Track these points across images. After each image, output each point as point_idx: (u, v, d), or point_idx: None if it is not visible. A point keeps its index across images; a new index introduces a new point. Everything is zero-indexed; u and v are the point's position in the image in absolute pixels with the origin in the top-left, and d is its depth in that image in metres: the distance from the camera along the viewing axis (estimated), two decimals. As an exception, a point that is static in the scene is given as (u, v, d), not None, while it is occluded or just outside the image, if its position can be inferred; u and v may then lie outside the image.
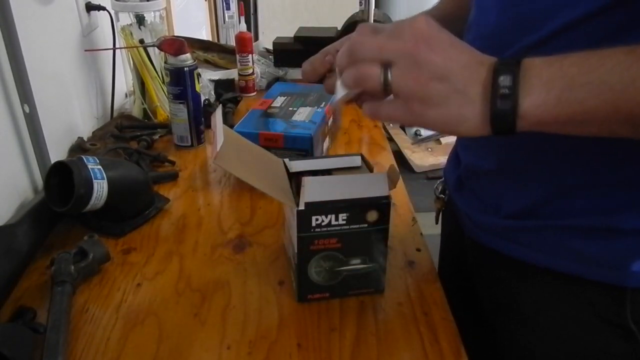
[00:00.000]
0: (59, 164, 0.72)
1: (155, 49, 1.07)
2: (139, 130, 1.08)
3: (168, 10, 1.70)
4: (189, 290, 0.66)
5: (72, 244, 0.70)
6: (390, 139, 2.83)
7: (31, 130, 0.81)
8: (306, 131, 0.88)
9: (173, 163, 0.97)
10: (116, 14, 1.12)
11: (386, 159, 1.01)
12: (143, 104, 1.15)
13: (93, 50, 1.11)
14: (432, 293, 0.65)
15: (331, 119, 1.00)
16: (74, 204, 0.70)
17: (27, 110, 0.79)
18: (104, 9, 1.10)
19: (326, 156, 0.86)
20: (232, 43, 1.41)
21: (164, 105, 1.13)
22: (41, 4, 0.91)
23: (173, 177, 0.92)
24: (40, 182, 0.85)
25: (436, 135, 2.56)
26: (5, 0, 0.73)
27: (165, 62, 0.99)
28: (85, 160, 0.72)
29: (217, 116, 0.61)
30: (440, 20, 0.68)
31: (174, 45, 0.97)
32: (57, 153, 0.91)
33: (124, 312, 0.62)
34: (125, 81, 1.23)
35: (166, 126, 1.08)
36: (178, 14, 2.02)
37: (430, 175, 2.70)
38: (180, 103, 0.99)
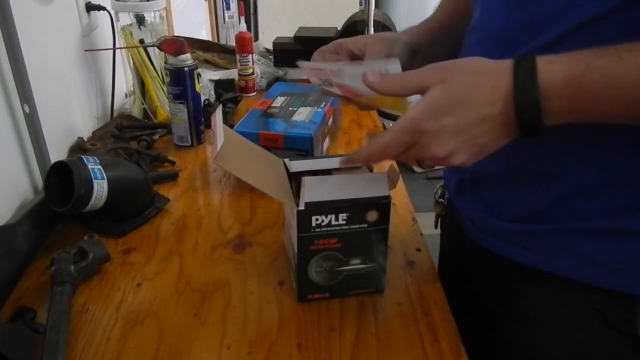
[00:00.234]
0: (59, 164, 0.72)
1: (155, 49, 1.07)
2: (139, 130, 1.08)
3: (168, 10, 1.70)
4: (189, 290, 0.66)
5: (72, 244, 0.70)
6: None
7: (31, 130, 0.81)
8: (306, 131, 0.88)
9: (173, 163, 0.97)
10: (116, 14, 1.12)
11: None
12: (143, 104, 1.15)
13: (93, 50, 1.11)
14: (432, 293, 0.65)
15: (331, 119, 1.00)
16: (74, 204, 0.70)
17: (27, 110, 0.79)
18: (104, 9, 1.10)
19: (326, 156, 0.86)
20: (232, 43, 1.41)
21: (164, 105, 1.13)
22: (41, 4, 0.91)
23: (173, 177, 0.92)
24: (40, 182, 0.85)
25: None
26: (5, 0, 0.73)
27: (165, 62, 0.99)
28: (85, 160, 0.72)
29: (217, 116, 0.61)
30: (438, 30, 0.68)
31: (174, 45, 0.97)
32: (57, 153, 0.91)
33: (124, 312, 0.62)
34: (125, 81, 1.23)
35: (166, 126, 1.08)
36: (178, 14, 2.02)
37: (430, 175, 2.70)
38: (180, 103, 0.99)
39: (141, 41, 1.11)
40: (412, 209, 0.83)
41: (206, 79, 1.28)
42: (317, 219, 0.58)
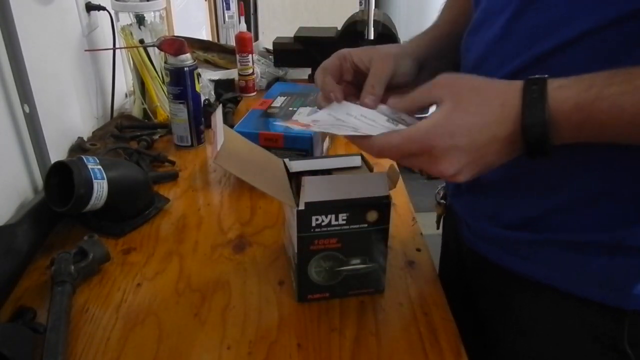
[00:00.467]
0: (59, 164, 0.72)
1: (155, 49, 1.07)
2: (139, 130, 1.08)
3: (168, 10, 1.70)
4: (189, 290, 0.66)
5: (72, 244, 0.70)
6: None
7: (31, 130, 0.81)
8: (306, 131, 0.88)
9: (173, 163, 0.97)
10: (116, 14, 1.12)
11: (386, 159, 1.01)
12: (143, 104, 1.15)
13: (93, 50, 1.11)
14: (432, 293, 0.65)
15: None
16: (74, 204, 0.70)
17: (27, 110, 0.79)
18: (104, 9, 1.10)
19: (326, 156, 0.86)
20: (232, 43, 1.41)
21: (164, 105, 1.13)
22: (41, 4, 0.91)
23: (173, 177, 0.92)
24: (40, 182, 0.85)
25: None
26: (5, 0, 0.73)
27: (165, 62, 0.99)
28: (85, 160, 0.72)
29: (217, 116, 0.61)
30: (445, 37, 0.67)
31: (174, 45, 0.97)
32: (57, 153, 0.91)
33: (124, 312, 0.62)
34: (125, 81, 1.23)
35: (166, 126, 1.08)
36: (178, 14, 2.02)
37: (430, 175, 2.69)
38: (180, 103, 0.99)
39: (141, 41, 1.11)
40: (412, 209, 0.83)
41: (206, 79, 1.28)
42: (317, 219, 0.58)
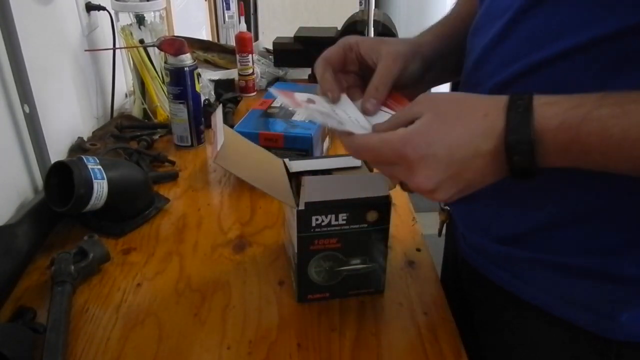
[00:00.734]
0: (59, 164, 0.72)
1: (155, 49, 1.07)
2: (139, 130, 1.08)
3: (168, 10, 1.70)
4: (189, 290, 0.66)
5: (72, 244, 0.70)
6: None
7: (31, 130, 0.81)
8: (306, 131, 0.88)
9: (173, 163, 0.97)
10: (116, 14, 1.12)
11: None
12: (143, 104, 1.15)
13: (93, 50, 1.11)
14: (432, 293, 0.65)
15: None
16: (74, 204, 0.70)
17: (27, 110, 0.79)
18: (104, 9, 1.10)
19: (326, 156, 0.86)
20: (232, 43, 1.41)
21: (164, 105, 1.13)
22: (41, 3, 0.91)
23: (173, 177, 0.92)
24: (40, 182, 0.85)
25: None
26: (5, 0, 0.73)
27: (165, 62, 0.99)
28: (85, 160, 0.72)
29: (217, 116, 0.61)
30: (448, 36, 0.65)
31: (174, 45, 0.97)
32: (57, 153, 0.91)
33: (124, 312, 0.62)
34: (125, 81, 1.23)
35: (166, 126, 1.08)
36: (178, 14, 2.02)
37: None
38: (180, 103, 0.99)
39: (141, 41, 1.11)
40: (412, 209, 0.83)
41: (206, 79, 1.28)
42: (317, 219, 0.58)
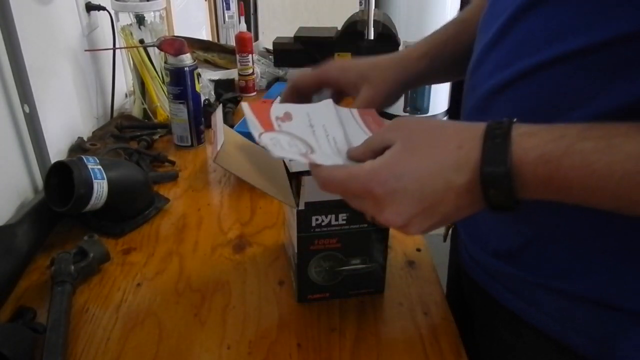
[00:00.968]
0: (59, 164, 0.72)
1: (155, 49, 1.07)
2: (139, 130, 1.08)
3: (168, 10, 1.70)
4: (189, 290, 0.66)
5: (72, 244, 0.70)
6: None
7: (31, 130, 0.81)
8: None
9: (173, 163, 0.97)
10: (116, 14, 1.12)
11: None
12: (143, 104, 1.15)
13: (93, 50, 1.11)
14: (432, 293, 0.65)
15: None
16: (74, 204, 0.70)
17: (27, 110, 0.79)
18: (104, 9, 1.10)
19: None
20: (232, 43, 1.41)
21: (164, 105, 1.13)
22: (41, 3, 0.91)
23: (173, 177, 0.92)
24: (40, 182, 0.85)
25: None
26: (5, 0, 0.73)
27: (165, 62, 0.99)
28: (85, 160, 0.72)
29: (217, 116, 0.61)
30: (440, 45, 0.64)
31: (174, 45, 0.97)
32: (57, 153, 0.92)
33: (124, 312, 0.62)
34: (125, 81, 1.23)
35: (166, 126, 1.08)
36: (178, 14, 2.02)
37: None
38: (180, 103, 0.99)
39: (141, 41, 1.11)
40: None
41: (206, 79, 1.28)
42: (317, 219, 0.58)
